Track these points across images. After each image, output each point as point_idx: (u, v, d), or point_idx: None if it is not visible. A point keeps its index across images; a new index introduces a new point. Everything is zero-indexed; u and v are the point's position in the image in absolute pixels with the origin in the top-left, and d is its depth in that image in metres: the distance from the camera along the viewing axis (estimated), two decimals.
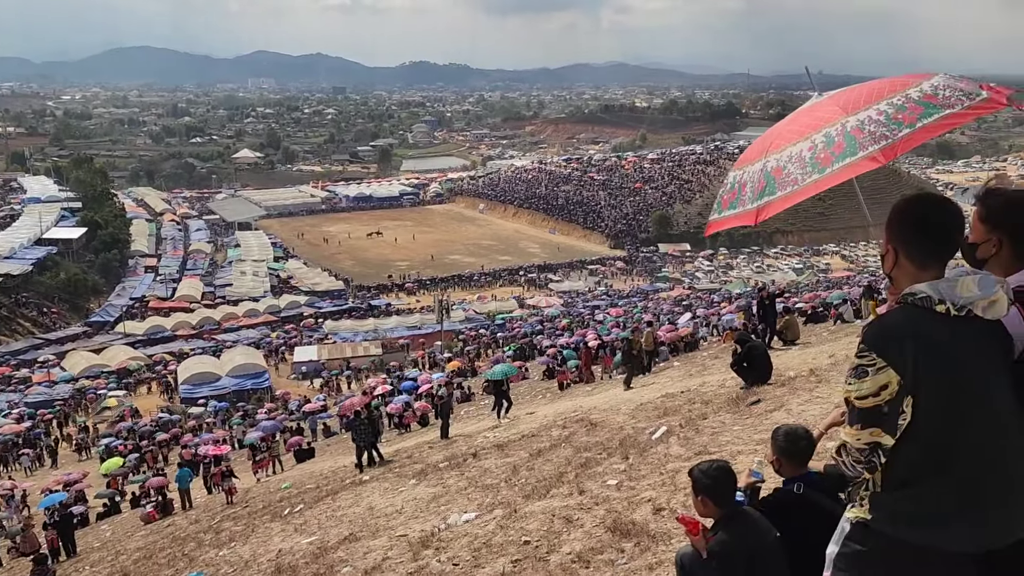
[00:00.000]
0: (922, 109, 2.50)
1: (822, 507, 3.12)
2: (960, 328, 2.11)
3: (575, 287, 71.76)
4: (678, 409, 10.53)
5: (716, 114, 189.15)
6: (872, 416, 2.12)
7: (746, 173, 2.79)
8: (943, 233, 2.20)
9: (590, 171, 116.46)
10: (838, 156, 2.47)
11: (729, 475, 3.38)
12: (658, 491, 6.48)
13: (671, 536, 5.24)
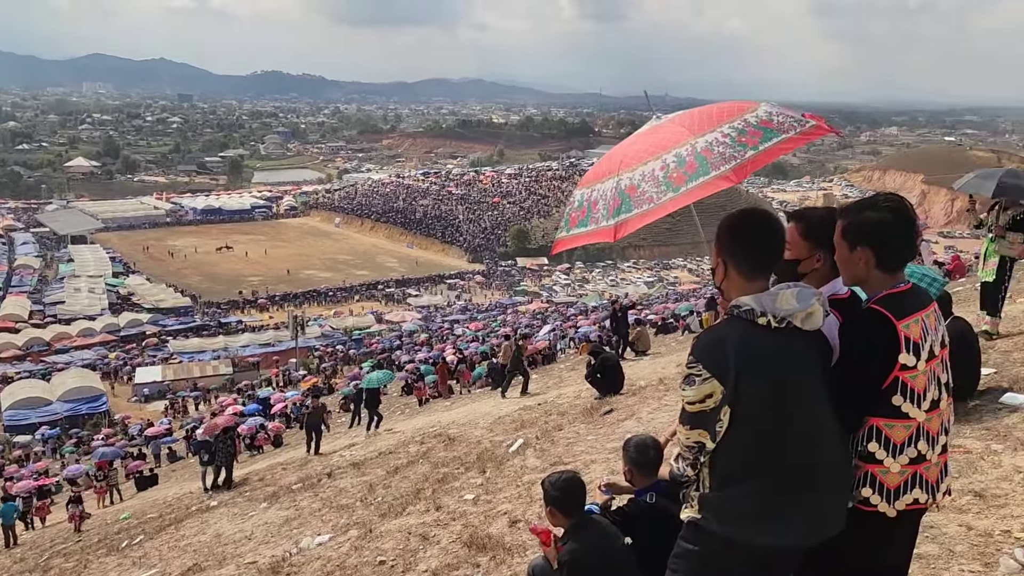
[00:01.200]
0: (761, 133, 2.63)
1: (673, 515, 3.20)
2: (781, 339, 2.23)
3: (434, 302, 71.53)
4: (535, 421, 10.64)
5: (571, 132, 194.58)
6: (698, 419, 2.24)
7: (596, 191, 2.81)
8: (769, 247, 2.34)
9: (448, 185, 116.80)
10: (691, 175, 2.55)
11: (577, 486, 3.41)
12: (514, 504, 6.49)
13: (526, 548, 5.24)
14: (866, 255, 2.33)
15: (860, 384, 2.27)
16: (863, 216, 2.35)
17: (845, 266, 2.40)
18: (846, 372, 2.29)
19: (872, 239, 2.32)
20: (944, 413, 2.35)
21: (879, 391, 2.26)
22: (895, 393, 2.25)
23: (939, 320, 2.39)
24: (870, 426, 2.29)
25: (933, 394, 2.29)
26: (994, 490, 4.22)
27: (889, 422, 2.27)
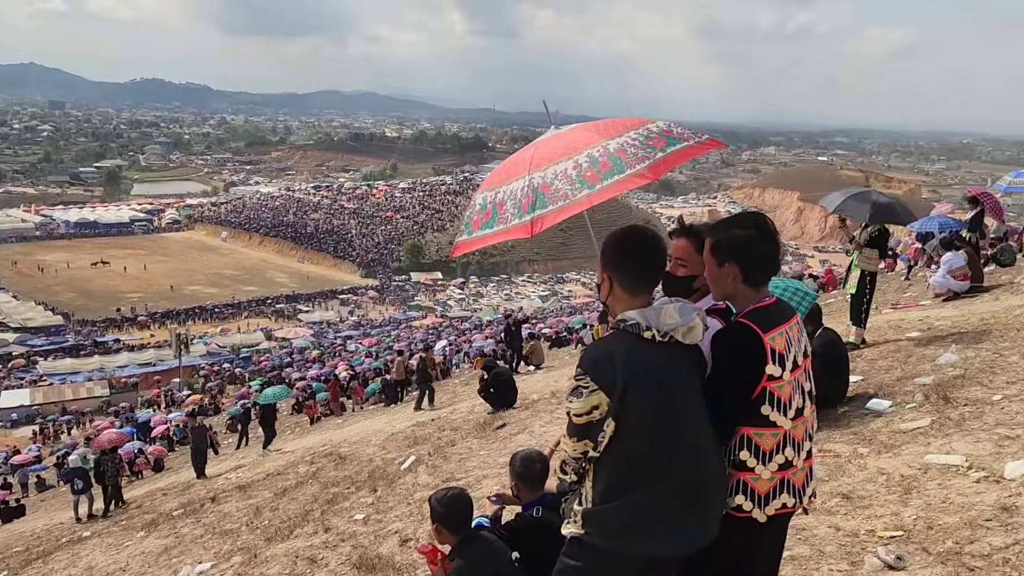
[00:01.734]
0: (665, 140, 2.74)
1: (560, 528, 3.23)
2: (665, 353, 2.31)
3: (326, 317, 70.07)
4: (428, 437, 10.56)
5: (465, 146, 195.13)
6: (584, 430, 2.29)
7: (501, 193, 2.84)
8: (652, 263, 2.43)
9: (340, 199, 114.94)
10: (606, 174, 2.61)
11: (463, 502, 3.40)
12: (405, 522, 6.42)
13: (416, 567, 5.18)
14: (733, 271, 2.43)
15: (732, 395, 2.36)
16: (730, 234, 2.45)
17: (714, 282, 2.50)
18: (719, 384, 2.38)
19: (739, 256, 2.42)
20: (808, 420, 2.47)
21: (749, 401, 2.35)
22: (763, 403, 2.35)
23: (801, 332, 2.51)
24: (741, 435, 2.39)
25: (798, 402, 2.41)
26: (860, 492, 4.47)
27: (759, 431, 2.37)
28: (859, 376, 7.47)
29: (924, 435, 5.25)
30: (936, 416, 5.58)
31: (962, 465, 4.50)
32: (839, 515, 4.22)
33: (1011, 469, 4.24)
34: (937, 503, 4.08)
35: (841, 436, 5.72)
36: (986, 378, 6.34)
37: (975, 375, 6.51)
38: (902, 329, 9.86)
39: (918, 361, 7.61)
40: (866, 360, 8.25)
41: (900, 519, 3.99)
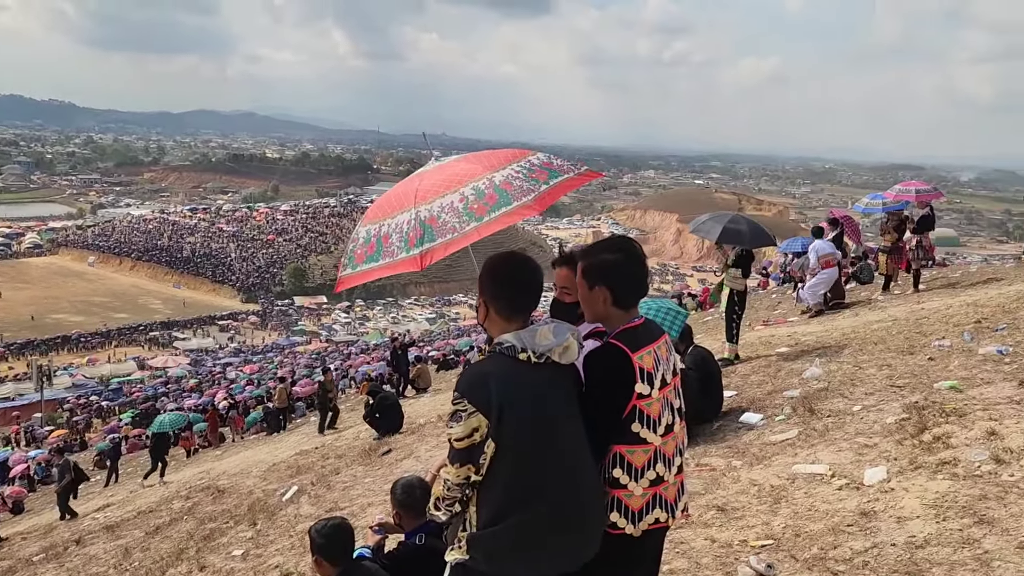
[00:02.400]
0: (547, 173, 2.80)
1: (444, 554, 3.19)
2: (541, 374, 2.35)
3: (204, 344, 67.27)
4: (311, 466, 10.28)
5: (349, 168, 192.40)
6: (466, 455, 2.29)
7: (386, 226, 2.82)
8: (527, 290, 2.46)
9: (219, 222, 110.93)
10: (492, 206, 2.64)
11: (342, 532, 3.32)
12: (287, 555, 6.21)
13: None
14: (604, 294, 2.50)
15: (604, 413, 2.41)
16: (600, 258, 2.53)
17: (586, 304, 2.57)
18: (591, 403, 2.43)
19: (608, 279, 2.50)
20: (678, 436, 2.55)
21: (620, 419, 2.41)
22: (634, 420, 2.41)
23: (670, 351, 2.60)
24: (614, 453, 2.44)
25: (668, 419, 2.49)
26: (734, 503, 4.64)
27: (630, 448, 2.43)
28: (733, 391, 7.78)
29: (792, 446, 5.52)
30: (803, 428, 5.88)
31: (826, 474, 4.74)
32: (714, 527, 4.36)
33: (869, 476, 4.50)
34: (804, 511, 4.29)
35: (716, 450, 5.94)
36: (847, 390, 6.73)
37: (837, 387, 6.90)
38: (772, 345, 10.36)
39: (787, 375, 8.00)
40: (739, 375, 8.62)
41: (770, 528, 4.17)
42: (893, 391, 6.33)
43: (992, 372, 6.21)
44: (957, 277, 15.31)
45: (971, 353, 7.07)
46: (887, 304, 12.51)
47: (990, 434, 4.53)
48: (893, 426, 5.21)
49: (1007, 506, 3.69)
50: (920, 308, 10.90)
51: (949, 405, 5.25)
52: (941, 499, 3.94)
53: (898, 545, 3.60)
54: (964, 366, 6.66)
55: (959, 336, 7.91)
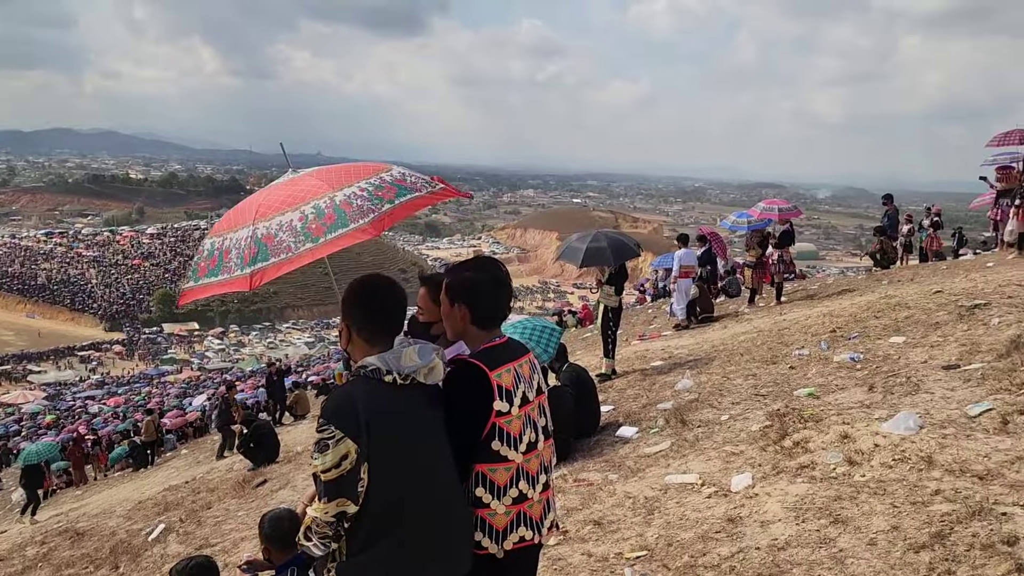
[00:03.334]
0: (396, 190, 2.78)
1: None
2: (407, 396, 2.31)
3: (62, 377, 62.98)
4: (181, 502, 9.78)
5: (220, 189, 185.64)
6: (338, 487, 2.18)
7: (228, 240, 2.74)
8: (388, 314, 2.41)
9: (77, 247, 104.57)
10: (330, 227, 2.59)
11: (206, 571, 3.16)
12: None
13: None
14: (463, 311, 2.51)
15: (464, 433, 2.41)
16: (462, 276, 2.54)
17: (447, 321, 2.58)
18: (452, 423, 2.42)
19: (468, 297, 2.51)
20: (543, 454, 2.56)
21: (481, 438, 2.40)
22: (494, 439, 2.41)
23: (534, 370, 2.61)
24: (476, 472, 2.43)
25: (530, 437, 2.49)
26: (610, 517, 4.71)
27: (492, 466, 2.42)
28: (610, 406, 7.95)
29: (665, 457, 5.67)
30: (675, 439, 6.06)
31: (696, 483, 4.90)
32: (591, 541, 4.41)
33: (736, 482, 4.68)
34: (676, 520, 4.40)
35: (594, 464, 6.03)
36: (716, 400, 7.00)
37: (707, 398, 7.16)
38: (647, 359, 10.66)
39: (661, 388, 8.25)
40: (616, 390, 8.81)
41: (645, 539, 4.26)
42: (758, 399, 6.63)
43: (845, 378, 6.60)
44: (815, 289, 16.26)
45: (827, 361, 7.50)
46: (753, 316, 13.13)
47: (843, 437, 4.80)
48: (757, 433, 5.45)
49: (859, 505, 3.91)
50: (782, 319, 11.50)
51: (807, 411, 5.53)
52: (800, 502, 4.13)
53: (762, 548, 3.75)
54: (821, 373, 7.06)
55: (817, 345, 8.37)
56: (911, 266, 17.50)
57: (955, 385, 5.52)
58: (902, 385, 5.81)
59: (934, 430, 4.63)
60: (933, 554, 3.24)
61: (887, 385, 5.93)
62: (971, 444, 4.34)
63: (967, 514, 3.47)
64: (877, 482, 4.14)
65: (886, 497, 3.92)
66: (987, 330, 6.94)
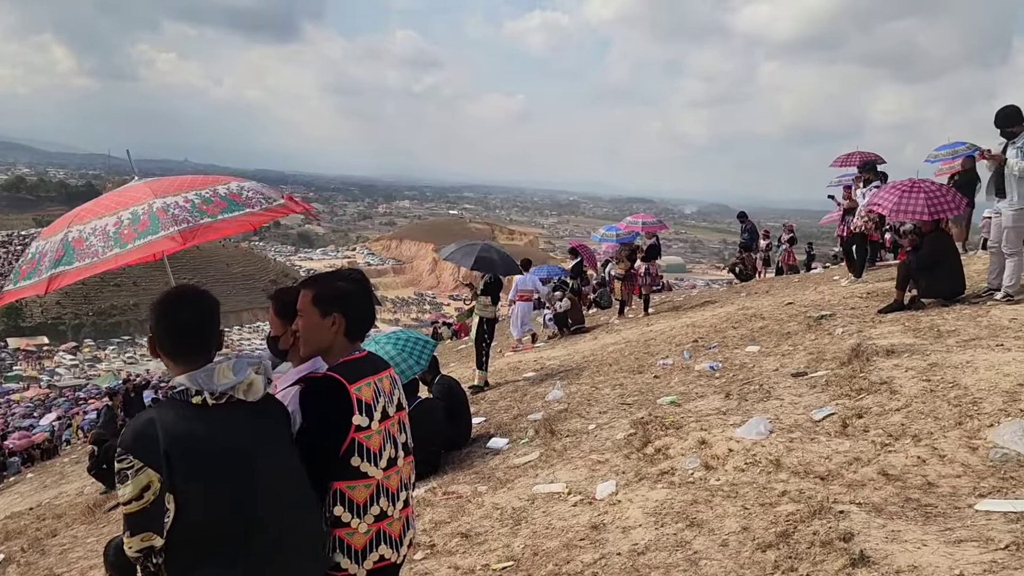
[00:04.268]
0: (226, 204, 2.68)
1: None
2: (222, 416, 2.16)
3: None
4: (23, 530, 9.10)
5: (74, 195, 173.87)
6: (141, 520, 2.04)
7: (48, 243, 2.67)
8: (193, 328, 2.23)
9: None
10: (141, 233, 2.52)
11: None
12: None
13: None
14: (339, 322, 2.45)
15: (321, 449, 2.33)
16: (335, 286, 2.49)
17: (314, 332, 2.48)
18: (308, 439, 2.34)
19: (344, 307, 2.46)
20: (403, 471, 2.53)
21: (339, 455, 2.34)
22: (353, 455, 2.35)
23: (395, 385, 2.58)
24: (335, 490, 2.35)
25: (390, 453, 2.45)
26: (478, 528, 4.72)
27: (351, 483, 2.35)
28: (482, 417, 7.99)
29: (534, 467, 5.74)
30: (544, 449, 6.15)
31: (563, 491, 4.98)
32: (458, 554, 4.41)
33: (600, 490, 4.80)
34: (542, 530, 4.46)
35: (464, 476, 6.04)
36: (584, 410, 7.16)
37: (576, 408, 7.32)
38: (520, 370, 10.79)
39: (532, 399, 8.36)
40: (488, 401, 8.87)
41: (511, 550, 4.29)
42: (624, 408, 6.83)
43: (705, 386, 6.90)
44: (681, 301, 16.95)
45: (689, 370, 7.82)
46: (622, 327, 13.53)
47: (701, 443, 5.01)
48: (622, 441, 5.60)
49: (713, 508, 4.08)
50: (649, 330, 11.91)
51: (669, 419, 5.74)
52: (660, 507, 4.28)
53: (623, 554, 3.85)
54: (683, 382, 7.35)
55: (680, 355, 8.72)
56: (768, 279, 18.55)
57: (802, 391, 5.88)
58: (755, 392, 6.13)
59: (783, 434, 4.90)
60: (778, 552, 3.43)
61: (742, 392, 6.24)
62: (815, 447, 4.62)
63: (809, 513, 3.68)
64: (730, 485, 4.35)
65: (738, 499, 4.11)
66: (832, 339, 7.43)
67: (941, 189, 8.51)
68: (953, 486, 3.92)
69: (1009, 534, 3.18)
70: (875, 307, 8.45)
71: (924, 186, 8.41)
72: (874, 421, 4.85)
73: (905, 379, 5.35)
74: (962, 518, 3.50)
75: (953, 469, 4.10)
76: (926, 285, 8.03)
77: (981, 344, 5.89)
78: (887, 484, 4.02)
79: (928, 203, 8.12)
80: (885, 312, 8.04)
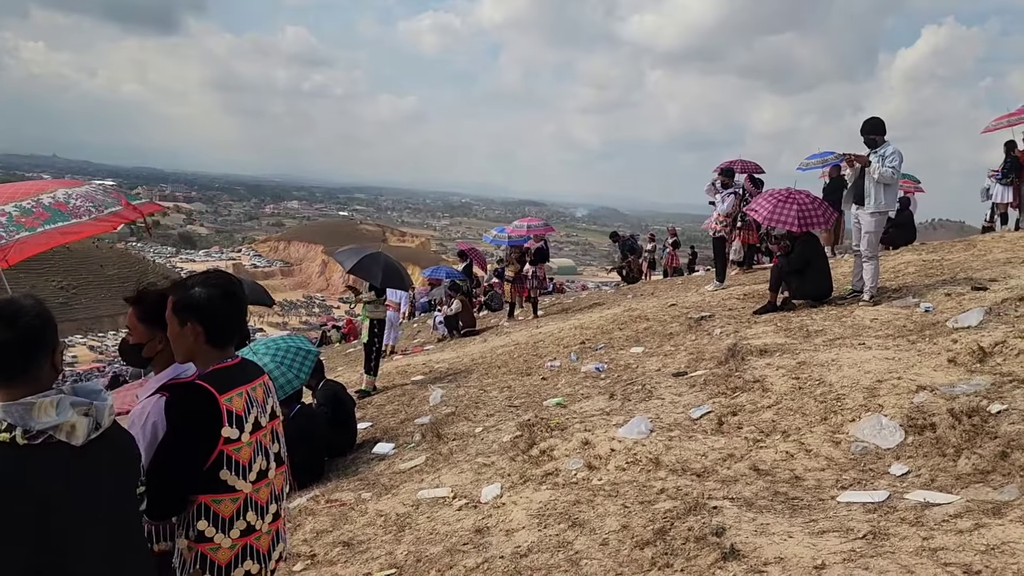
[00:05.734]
0: (49, 215, 2.50)
1: None
2: (37, 457, 1.82)
3: None
4: None
5: None
6: None
7: None
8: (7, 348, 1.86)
9: None
10: None
11: None
12: None
13: None
14: (196, 330, 2.33)
15: (185, 461, 2.21)
16: (192, 293, 2.35)
17: (176, 341, 2.37)
18: (172, 451, 2.21)
19: (201, 315, 2.33)
20: (274, 483, 2.44)
21: (206, 467, 2.24)
22: (221, 467, 2.24)
23: (268, 393, 2.49)
24: (199, 504, 2.24)
25: (261, 465, 2.36)
26: (360, 536, 4.63)
27: (217, 497, 2.25)
28: (368, 422, 7.85)
29: (419, 472, 5.69)
30: (431, 453, 6.10)
31: (448, 496, 4.95)
32: (339, 564, 4.31)
33: (486, 493, 4.79)
34: (426, 535, 4.42)
35: (348, 484, 5.91)
36: (472, 413, 7.15)
37: (464, 411, 7.30)
38: (408, 374, 10.68)
39: (420, 403, 8.28)
40: (375, 406, 8.73)
41: (394, 557, 4.22)
42: (511, 411, 6.86)
43: (591, 387, 7.02)
44: (570, 303, 17.20)
45: (576, 371, 7.94)
46: (512, 329, 13.61)
47: (584, 444, 5.08)
48: (508, 444, 5.62)
49: (595, 507, 4.15)
50: (539, 332, 12.02)
51: (554, 420, 5.80)
52: (543, 508, 4.31)
53: (506, 556, 3.85)
54: (569, 383, 7.45)
55: (568, 357, 8.84)
56: (653, 281, 19.08)
57: (682, 391, 6.06)
58: (638, 392, 6.27)
59: (663, 433, 5.03)
60: (655, 549, 3.51)
61: (626, 392, 6.38)
62: (692, 444, 4.77)
63: (685, 510, 3.79)
64: (612, 485, 4.43)
65: (619, 499, 4.19)
66: (711, 339, 7.70)
67: (814, 202, 8.97)
68: (818, 479, 4.12)
69: (867, 524, 3.36)
70: (751, 308, 8.82)
71: (798, 198, 8.85)
72: (747, 418, 5.05)
73: (776, 377, 5.59)
74: (825, 510, 3.68)
75: (818, 463, 4.31)
76: (796, 287, 8.44)
77: (845, 343, 6.23)
78: (758, 479, 4.19)
79: (799, 214, 8.56)
80: (759, 313, 8.40)
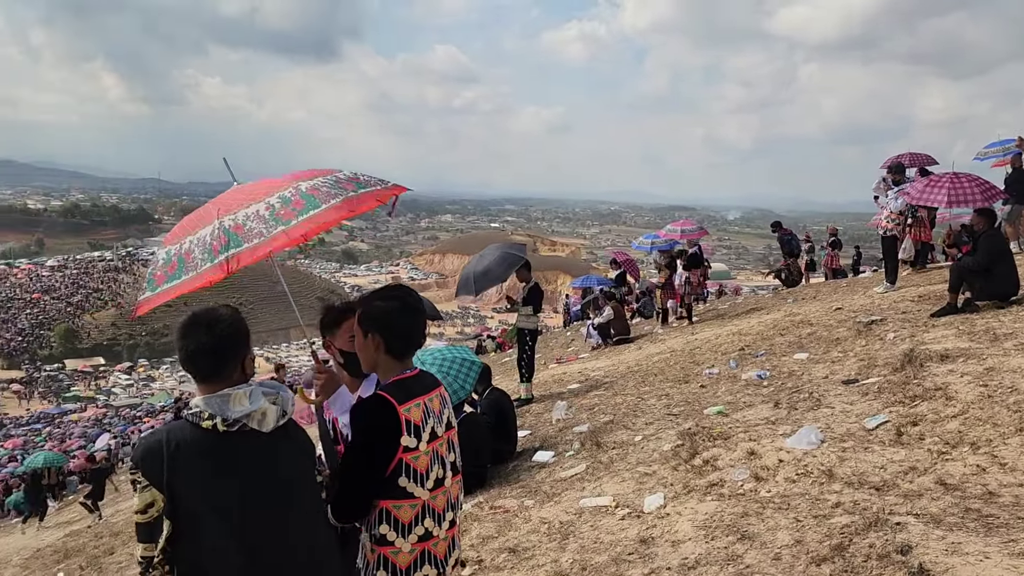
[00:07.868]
0: (353, 185, 2.81)
1: None
2: (232, 443, 2.13)
3: None
4: (82, 548, 9.32)
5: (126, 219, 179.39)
6: (148, 531, 2.07)
7: (187, 244, 2.70)
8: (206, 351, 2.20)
9: None
10: (300, 210, 2.61)
11: None
12: None
13: None
14: (377, 341, 2.47)
15: (367, 468, 2.34)
16: (374, 305, 2.50)
17: (361, 351, 2.53)
18: (354, 458, 2.36)
19: (380, 327, 2.46)
20: (451, 491, 2.51)
21: (386, 474, 2.35)
22: (401, 475, 2.35)
23: (444, 404, 2.57)
24: (380, 509, 2.36)
25: (437, 473, 2.44)
26: (525, 543, 4.70)
27: (397, 503, 2.36)
28: (527, 430, 7.96)
29: (580, 480, 5.70)
30: (590, 461, 6.10)
31: (610, 505, 4.93)
32: (506, 570, 4.38)
33: (648, 503, 4.74)
34: (590, 544, 4.42)
35: (511, 491, 6.01)
36: (630, 421, 7.09)
37: (622, 419, 7.25)
38: (565, 382, 10.75)
39: (577, 411, 8.31)
40: (533, 414, 8.84)
41: (559, 565, 4.25)
42: (670, 419, 6.75)
43: (752, 395, 6.79)
44: (726, 308, 16.73)
45: (736, 379, 7.71)
46: (667, 336, 13.41)
47: (750, 454, 4.92)
48: (669, 453, 5.53)
49: (764, 520, 4.00)
50: (694, 339, 11.78)
51: (716, 429, 5.65)
52: (710, 520, 4.21)
53: (673, 568, 3.79)
54: (730, 391, 7.24)
55: (726, 364, 8.60)
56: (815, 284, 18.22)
57: (854, 399, 5.74)
58: (805, 400, 6.01)
59: (834, 444, 4.79)
60: (833, 566, 3.34)
61: (791, 401, 6.13)
62: (868, 456, 4.51)
63: (864, 525, 3.59)
64: (781, 497, 4.26)
65: (790, 512, 4.03)
66: (883, 345, 7.26)
67: (972, 181, 8.35)
68: (1016, 495, 3.79)
69: None
70: (927, 311, 8.25)
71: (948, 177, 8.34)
72: (930, 429, 4.72)
73: (961, 384, 5.20)
74: None
75: (1015, 477, 3.96)
76: (980, 287, 7.82)
77: None
78: (945, 494, 3.90)
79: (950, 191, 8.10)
80: (938, 316, 7.84)
